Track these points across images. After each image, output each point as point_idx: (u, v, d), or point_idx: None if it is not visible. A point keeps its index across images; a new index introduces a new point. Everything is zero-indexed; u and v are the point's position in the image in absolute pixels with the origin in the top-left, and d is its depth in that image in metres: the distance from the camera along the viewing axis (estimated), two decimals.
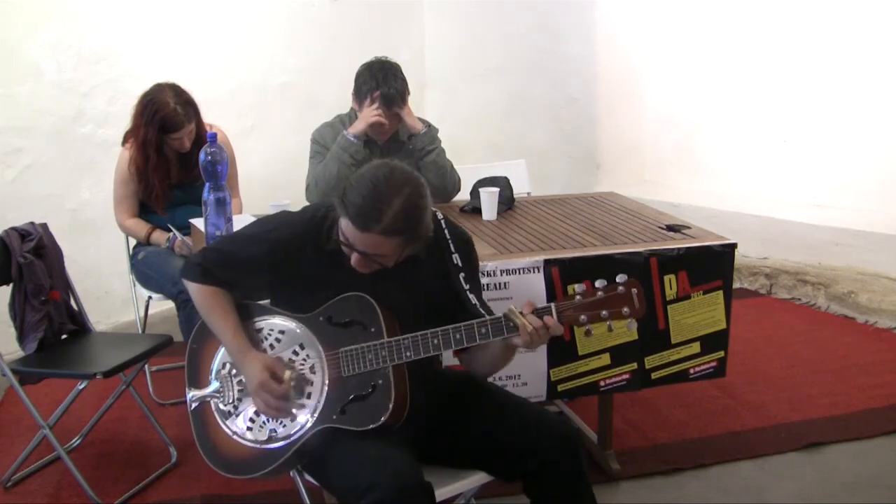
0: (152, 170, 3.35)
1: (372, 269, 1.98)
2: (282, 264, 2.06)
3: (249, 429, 2.06)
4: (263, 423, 2.05)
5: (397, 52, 3.30)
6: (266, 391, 2.00)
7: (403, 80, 3.24)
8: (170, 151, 3.41)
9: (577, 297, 1.91)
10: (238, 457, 2.06)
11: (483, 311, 2.05)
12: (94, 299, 4.06)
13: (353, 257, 1.94)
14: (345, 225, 1.91)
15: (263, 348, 2.08)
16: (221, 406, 2.11)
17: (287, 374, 2.02)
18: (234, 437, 2.07)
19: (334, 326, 2.02)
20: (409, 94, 3.26)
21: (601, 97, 5.39)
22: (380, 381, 1.97)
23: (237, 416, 2.09)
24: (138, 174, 3.38)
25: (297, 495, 2.28)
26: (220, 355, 2.13)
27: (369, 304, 2.00)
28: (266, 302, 2.17)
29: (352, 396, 1.98)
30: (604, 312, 1.90)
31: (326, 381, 2.02)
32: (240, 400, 2.09)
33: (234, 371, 2.11)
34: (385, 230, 1.86)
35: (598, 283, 1.91)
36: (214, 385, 2.13)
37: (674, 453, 3.08)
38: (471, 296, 2.07)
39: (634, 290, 1.89)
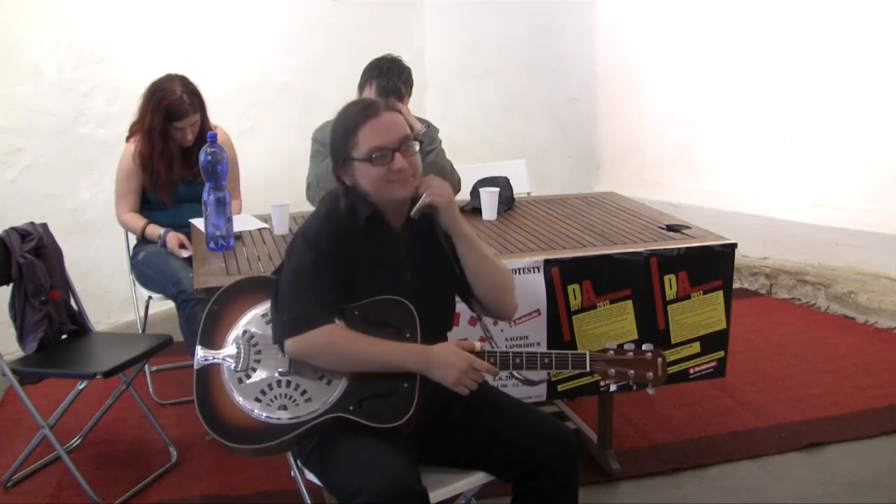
0: (158, 156, 3.35)
1: (415, 171, 2.06)
2: (336, 258, 2.04)
3: (258, 400, 1.99)
4: (275, 397, 1.99)
5: (397, 53, 3.30)
6: (476, 369, 1.98)
7: (407, 80, 3.22)
8: (174, 145, 3.39)
9: (610, 352, 2.06)
10: (239, 425, 1.99)
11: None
12: (94, 299, 4.06)
13: (397, 161, 2.01)
14: (363, 135, 2.01)
15: None
16: (233, 371, 2.03)
17: (477, 344, 2.03)
18: (240, 404, 2.00)
19: (368, 324, 2.02)
20: (409, 95, 3.25)
21: (601, 97, 5.39)
22: (405, 385, 1.96)
23: (248, 384, 2.02)
24: (143, 163, 3.36)
25: (297, 495, 2.28)
26: (244, 321, 2.07)
27: (408, 309, 2.01)
28: None
29: (372, 392, 1.97)
30: (631, 372, 2.04)
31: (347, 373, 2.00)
32: (254, 370, 2.03)
33: (254, 340, 2.06)
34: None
35: (626, 346, 2.06)
36: (231, 349, 2.06)
37: (674, 453, 3.08)
38: None
39: (660, 360, 2.05)
